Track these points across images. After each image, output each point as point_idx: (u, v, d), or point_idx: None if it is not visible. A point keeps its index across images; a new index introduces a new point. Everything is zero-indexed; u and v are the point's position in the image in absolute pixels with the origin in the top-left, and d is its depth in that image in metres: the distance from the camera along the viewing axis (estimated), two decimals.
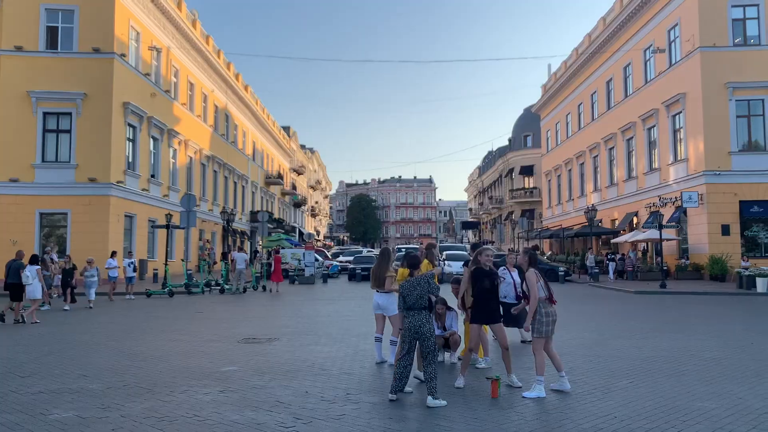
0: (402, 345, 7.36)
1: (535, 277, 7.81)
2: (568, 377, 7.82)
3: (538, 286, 7.74)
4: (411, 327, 7.19)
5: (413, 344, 7.27)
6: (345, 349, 10.76)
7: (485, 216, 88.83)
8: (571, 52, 48.95)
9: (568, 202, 50.33)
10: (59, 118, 28.57)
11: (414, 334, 7.18)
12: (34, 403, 7.14)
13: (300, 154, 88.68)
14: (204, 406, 6.96)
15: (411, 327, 7.19)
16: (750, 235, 28.86)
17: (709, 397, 7.32)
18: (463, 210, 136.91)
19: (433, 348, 7.14)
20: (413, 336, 7.19)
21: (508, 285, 10.90)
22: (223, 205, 45.55)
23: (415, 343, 7.27)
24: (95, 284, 19.35)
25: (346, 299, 22.06)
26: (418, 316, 7.20)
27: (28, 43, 28.36)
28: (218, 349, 10.95)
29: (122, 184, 29.27)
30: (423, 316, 7.20)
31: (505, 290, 10.80)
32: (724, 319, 15.68)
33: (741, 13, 29.57)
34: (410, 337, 7.22)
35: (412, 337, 7.20)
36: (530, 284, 7.78)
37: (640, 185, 35.88)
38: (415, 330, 7.16)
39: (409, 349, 7.27)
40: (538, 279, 7.80)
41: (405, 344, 7.29)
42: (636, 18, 35.94)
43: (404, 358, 7.24)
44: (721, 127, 28.76)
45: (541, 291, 7.78)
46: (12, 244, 26.58)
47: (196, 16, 40.60)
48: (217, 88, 46.09)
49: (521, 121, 72.47)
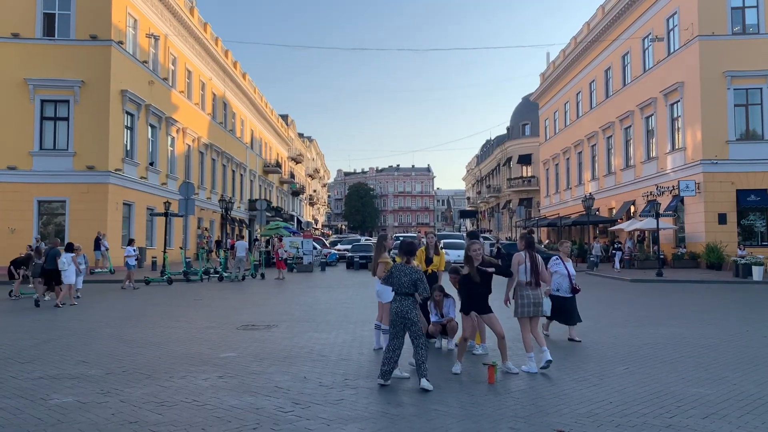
0: (390, 331, 7.38)
1: (520, 259, 8.35)
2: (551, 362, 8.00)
3: (520, 269, 8.30)
4: (398, 312, 7.20)
5: (400, 329, 7.27)
6: (343, 336, 10.82)
7: (483, 205, 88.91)
8: (570, 40, 48.84)
9: (566, 190, 50.38)
10: (57, 106, 28.50)
11: (401, 320, 7.20)
12: (34, 389, 7.19)
13: (298, 143, 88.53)
14: (203, 391, 7.02)
15: (398, 312, 7.20)
16: (746, 223, 28.95)
17: (704, 383, 7.39)
18: (461, 199, 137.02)
19: (421, 333, 7.18)
20: (400, 321, 7.20)
21: (561, 277, 10.33)
22: (221, 193, 45.53)
23: (402, 328, 7.25)
24: (82, 273, 18.13)
25: (344, 287, 22.12)
26: (405, 301, 7.23)
27: (24, 30, 28.23)
28: (217, 335, 11.01)
29: (120, 172, 29.25)
30: (410, 302, 7.23)
31: (558, 282, 10.32)
32: (719, 307, 15.77)
33: (740, 1, 29.51)
34: (397, 322, 7.23)
35: (399, 322, 7.22)
36: (512, 263, 8.40)
37: (637, 174, 35.93)
38: (402, 315, 7.18)
39: (396, 333, 7.27)
40: (521, 262, 8.31)
41: (392, 329, 7.31)
42: (635, 6, 35.83)
43: (391, 343, 7.25)
44: (718, 115, 28.77)
45: (523, 275, 8.26)
46: (10, 232, 26.70)
47: (193, 3, 40.40)
48: (215, 76, 45.94)
49: (519, 110, 72.38)
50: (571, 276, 10.28)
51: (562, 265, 10.36)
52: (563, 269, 10.32)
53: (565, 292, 10.23)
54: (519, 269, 8.33)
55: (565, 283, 10.25)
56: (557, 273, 10.30)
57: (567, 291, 10.25)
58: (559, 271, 10.31)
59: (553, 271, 10.33)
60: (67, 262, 16.36)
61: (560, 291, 10.19)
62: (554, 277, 10.22)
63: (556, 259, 10.49)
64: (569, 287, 10.26)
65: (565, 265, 10.35)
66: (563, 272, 10.29)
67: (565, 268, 10.32)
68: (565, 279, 10.25)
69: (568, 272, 10.29)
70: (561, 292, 10.18)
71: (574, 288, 10.28)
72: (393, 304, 7.32)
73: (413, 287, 7.26)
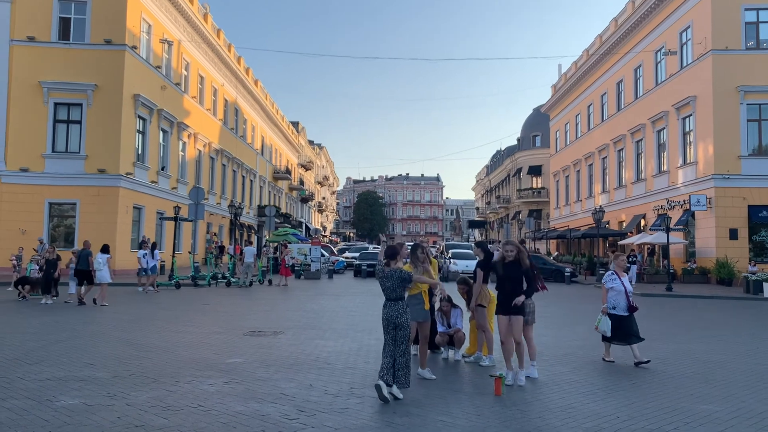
0: (384, 337, 7.30)
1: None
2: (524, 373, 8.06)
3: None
4: (388, 318, 7.17)
5: (391, 336, 7.21)
6: (350, 344, 10.80)
7: (492, 215, 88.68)
8: (582, 52, 48.77)
9: (576, 203, 50.20)
10: (70, 109, 28.73)
11: (391, 325, 7.16)
12: (41, 390, 7.22)
13: (308, 150, 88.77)
14: (209, 396, 7.02)
15: (388, 318, 7.17)
16: (758, 239, 28.71)
17: (713, 400, 7.32)
18: (470, 209, 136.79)
19: (406, 339, 7.15)
20: (391, 326, 7.16)
21: (617, 294, 9.44)
22: (231, 198, 45.71)
23: (394, 333, 7.18)
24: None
25: (352, 295, 22.10)
26: (394, 306, 7.19)
27: (40, 34, 28.52)
28: (224, 341, 11.01)
29: (131, 176, 29.41)
30: (399, 307, 7.19)
31: (615, 299, 9.45)
32: (729, 324, 15.63)
33: (754, 17, 29.37)
34: (389, 328, 7.19)
35: (390, 328, 7.17)
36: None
37: (648, 187, 35.75)
38: (391, 320, 7.15)
39: (388, 340, 7.20)
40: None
41: (385, 335, 7.25)
42: (648, 20, 35.77)
43: (385, 348, 7.17)
44: (731, 130, 28.61)
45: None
46: (21, 234, 26.86)
47: (207, 10, 40.70)
48: (227, 82, 46.20)
49: (530, 121, 72.25)
50: (628, 293, 9.44)
51: (618, 281, 9.49)
52: (619, 285, 9.45)
53: (623, 310, 9.40)
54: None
55: (622, 300, 9.41)
56: (613, 290, 9.48)
57: (624, 309, 9.41)
58: (615, 288, 9.46)
59: (609, 287, 9.57)
60: (102, 262, 17.40)
61: (617, 309, 9.39)
62: (610, 294, 9.48)
63: (611, 275, 9.62)
64: (627, 305, 9.42)
65: (621, 281, 9.47)
66: (620, 288, 9.43)
67: (622, 283, 9.44)
68: (622, 296, 9.42)
69: (624, 288, 9.44)
70: (618, 310, 9.38)
71: (632, 306, 9.46)
72: (384, 311, 7.28)
73: (400, 287, 7.22)
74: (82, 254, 17.73)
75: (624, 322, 9.42)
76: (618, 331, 9.35)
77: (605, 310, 9.47)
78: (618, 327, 9.32)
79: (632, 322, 9.49)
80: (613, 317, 9.41)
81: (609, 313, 9.47)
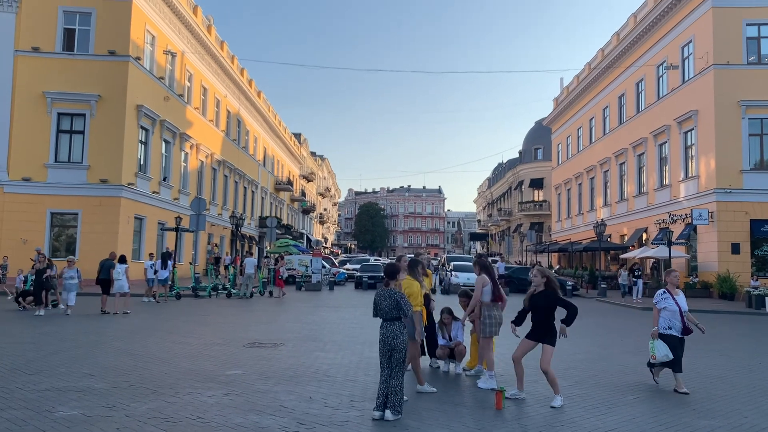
0: (380, 359, 7.09)
1: (484, 281, 8.81)
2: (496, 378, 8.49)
3: (485, 291, 8.77)
4: (383, 339, 6.94)
5: (386, 357, 6.95)
6: (350, 357, 10.76)
7: (494, 228, 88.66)
8: (584, 66, 48.94)
9: (578, 216, 50.18)
10: (73, 119, 28.82)
11: (387, 346, 6.91)
12: (40, 401, 7.19)
13: (310, 161, 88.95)
14: (208, 408, 6.99)
15: (383, 339, 6.94)
16: (760, 254, 28.65)
17: (715, 415, 7.28)
18: (471, 221, 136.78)
19: (402, 362, 6.88)
20: (387, 348, 6.91)
21: (671, 314, 8.61)
22: (232, 209, 45.74)
23: (389, 355, 6.92)
24: (75, 287, 17.48)
25: (352, 307, 22.04)
26: (390, 327, 6.93)
27: (44, 44, 28.68)
28: (223, 352, 10.98)
29: (133, 186, 29.45)
30: (396, 328, 6.92)
31: (669, 320, 8.62)
32: (731, 338, 15.57)
33: (756, 32, 29.47)
34: (384, 350, 6.95)
35: (386, 349, 6.92)
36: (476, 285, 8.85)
37: (650, 201, 35.74)
38: (387, 342, 6.90)
39: (384, 363, 6.97)
40: (485, 284, 8.80)
41: (380, 357, 7.04)
42: (650, 34, 35.92)
43: (383, 373, 6.96)
44: (733, 145, 28.64)
45: (486, 296, 8.76)
46: (23, 243, 26.88)
47: (211, 22, 40.93)
48: (230, 94, 46.38)
49: (532, 134, 72.42)
50: (682, 312, 8.57)
51: (671, 300, 8.63)
52: (673, 305, 8.58)
53: (678, 331, 8.55)
54: (484, 291, 8.82)
55: (677, 321, 8.56)
56: (666, 309, 8.64)
57: (680, 330, 8.56)
58: (668, 308, 8.60)
59: (661, 307, 8.73)
60: (121, 272, 18.19)
61: (672, 329, 8.56)
62: (664, 314, 8.65)
63: (663, 293, 8.78)
64: (681, 326, 8.57)
65: (674, 300, 8.61)
66: (673, 308, 8.57)
67: (676, 303, 8.57)
68: (676, 316, 8.57)
69: (679, 308, 8.56)
70: (674, 330, 8.55)
71: (687, 328, 8.61)
72: (380, 331, 7.04)
73: (396, 310, 6.96)
74: (105, 264, 18.39)
75: (678, 346, 8.58)
76: (676, 351, 8.52)
77: (656, 334, 8.65)
78: (675, 348, 8.49)
79: (683, 346, 8.71)
80: (669, 338, 8.53)
81: (663, 334, 8.62)
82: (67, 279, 17.35)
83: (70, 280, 17.33)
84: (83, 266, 26.39)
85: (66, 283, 17.36)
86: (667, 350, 8.42)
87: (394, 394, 6.71)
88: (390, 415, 6.65)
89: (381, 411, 6.72)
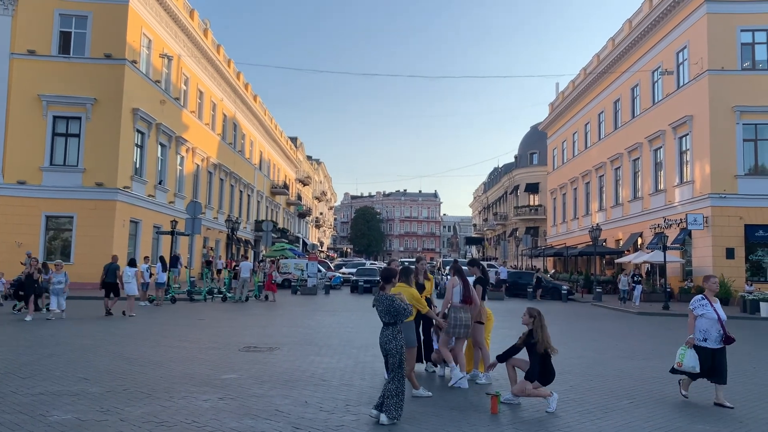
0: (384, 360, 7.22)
1: (454, 282, 9.10)
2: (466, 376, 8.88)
3: (454, 291, 9.03)
4: (380, 343, 7.09)
5: (384, 359, 7.11)
6: (345, 361, 10.75)
7: (489, 232, 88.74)
8: (580, 71, 49.10)
9: (573, 220, 50.27)
10: (69, 122, 28.77)
11: (382, 350, 7.07)
12: (34, 405, 7.16)
13: (306, 165, 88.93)
14: (203, 412, 6.97)
15: (380, 343, 7.09)
16: (755, 259, 28.74)
17: (709, 419, 7.30)
18: (467, 225, 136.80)
19: (397, 365, 6.89)
20: (382, 351, 7.07)
21: (709, 322, 8.04)
22: (228, 213, 45.66)
23: (385, 359, 7.07)
24: (62, 291, 16.98)
25: (348, 311, 22.03)
26: (385, 331, 7.04)
27: (40, 47, 28.63)
28: (219, 356, 10.96)
29: (129, 190, 29.39)
30: (390, 332, 6.99)
31: (705, 329, 8.06)
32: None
33: (750, 38, 29.62)
34: (382, 353, 7.11)
35: (383, 353, 7.08)
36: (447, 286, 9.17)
37: (645, 206, 35.84)
38: (382, 346, 7.04)
39: (386, 364, 7.13)
40: (455, 285, 9.07)
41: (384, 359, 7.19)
42: (645, 39, 36.06)
43: (386, 372, 7.11)
44: (727, 150, 28.75)
45: (456, 296, 9.01)
46: (17, 246, 26.78)
47: (207, 26, 40.93)
48: (226, 97, 46.36)
49: (528, 139, 72.56)
50: (722, 321, 8.02)
51: (709, 307, 8.07)
52: (711, 312, 8.03)
53: (715, 342, 7.98)
54: (453, 291, 9.07)
55: (715, 330, 7.99)
56: (703, 317, 8.08)
57: (717, 341, 7.99)
58: (705, 315, 8.06)
59: (698, 314, 8.16)
60: (131, 275, 18.43)
61: (708, 341, 7.98)
62: (700, 322, 8.11)
63: (701, 300, 8.22)
64: (720, 336, 8.01)
65: (713, 307, 8.05)
66: (711, 316, 8.01)
67: (714, 310, 8.01)
68: (715, 325, 7.99)
69: (717, 316, 7.99)
70: (709, 342, 7.97)
71: (728, 337, 8.05)
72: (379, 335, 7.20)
73: (389, 315, 7.01)
74: (110, 268, 18.51)
75: (717, 357, 8.04)
76: (710, 366, 8.01)
77: (692, 342, 8.13)
78: (709, 362, 7.96)
79: (724, 356, 8.12)
80: (703, 350, 8.03)
81: (698, 345, 8.10)
82: (55, 284, 16.92)
83: (57, 285, 16.87)
84: (78, 270, 26.54)
85: (53, 287, 16.93)
86: (696, 363, 7.99)
87: (388, 398, 6.73)
88: (384, 419, 6.67)
89: (378, 410, 6.78)
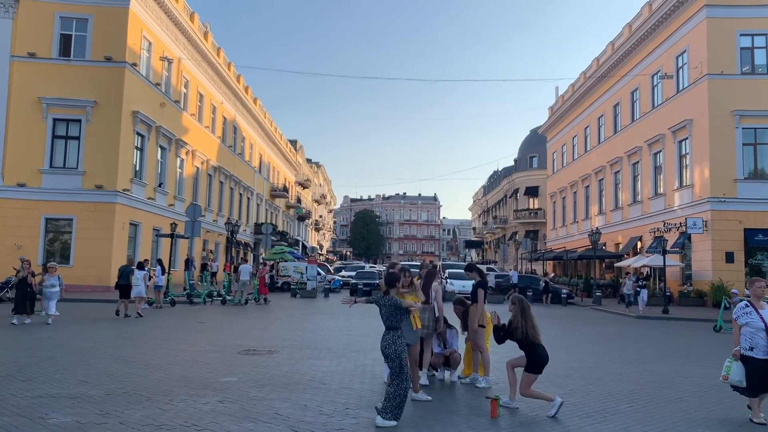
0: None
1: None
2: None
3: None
4: (381, 347, 7.09)
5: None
6: (345, 364, 10.74)
7: (489, 235, 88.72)
8: (579, 75, 49.16)
9: (573, 224, 50.29)
10: (69, 125, 28.79)
11: (383, 354, 7.07)
12: (34, 407, 7.15)
13: (306, 168, 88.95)
14: (202, 415, 6.96)
15: (381, 347, 7.09)
16: (754, 263, 28.75)
17: (709, 423, 7.29)
18: (467, 229, 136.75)
19: (398, 369, 6.88)
20: (383, 355, 7.08)
21: (755, 331, 7.19)
22: (227, 216, 45.65)
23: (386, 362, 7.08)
24: (56, 295, 16.33)
25: (347, 314, 21.99)
26: (386, 335, 7.06)
27: (41, 50, 28.65)
28: (218, 359, 10.94)
29: (128, 192, 29.40)
30: (390, 336, 7.01)
31: (750, 338, 7.20)
32: (725, 347, 15.55)
33: (749, 42, 29.70)
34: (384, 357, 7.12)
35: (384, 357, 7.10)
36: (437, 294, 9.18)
37: (644, 210, 35.86)
38: (382, 350, 7.05)
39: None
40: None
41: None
42: (644, 44, 36.13)
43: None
44: (727, 154, 28.79)
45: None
46: (17, 249, 26.77)
47: (208, 29, 40.98)
48: (226, 100, 46.39)
49: (527, 142, 72.63)
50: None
51: (754, 314, 7.23)
52: (757, 320, 7.19)
53: (763, 351, 7.12)
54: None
55: (762, 339, 7.13)
56: (748, 326, 7.25)
57: (765, 351, 7.12)
58: (750, 323, 7.22)
59: (743, 323, 7.33)
60: (140, 278, 18.96)
61: (755, 350, 7.14)
62: (745, 331, 7.29)
63: (745, 306, 7.38)
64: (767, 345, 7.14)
65: (759, 314, 7.20)
66: (757, 324, 7.17)
67: (760, 318, 7.17)
68: (760, 333, 7.15)
69: (765, 324, 7.13)
70: (756, 351, 7.13)
71: None
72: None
73: (390, 319, 7.05)
74: (124, 271, 19.20)
75: (766, 368, 7.18)
76: (755, 379, 7.18)
77: (738, 354, 7.34)
78: (758, 373, 7.13)
79: None
80: (750, 360, 7.20)
81: (745, 355, 7.28)
82: (48, 287, 16.33)
83: (50, 288, 16.27)
84: (78, 273, 26.58)
85: (46, 291, 16.38)
86: (743, 376, 7.23)
87: (386, 401, 6.74)
88: (379, 420, 6.66)
89: (377, 407, 6.86)
